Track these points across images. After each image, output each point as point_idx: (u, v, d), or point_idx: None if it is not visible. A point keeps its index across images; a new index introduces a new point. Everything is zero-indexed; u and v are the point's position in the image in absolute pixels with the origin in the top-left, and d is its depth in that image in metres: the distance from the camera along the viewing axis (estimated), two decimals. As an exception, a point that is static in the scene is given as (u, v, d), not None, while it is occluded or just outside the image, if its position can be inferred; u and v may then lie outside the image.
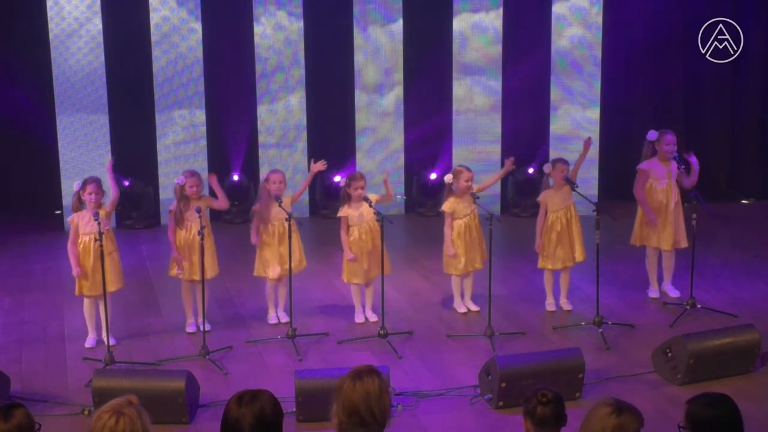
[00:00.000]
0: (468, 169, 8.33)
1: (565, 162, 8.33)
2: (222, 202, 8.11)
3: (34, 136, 11.76)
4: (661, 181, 8.52)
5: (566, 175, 8.20)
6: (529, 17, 12.19)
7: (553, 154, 11.64)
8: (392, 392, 3.96)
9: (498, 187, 12.17)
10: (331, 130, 12.22)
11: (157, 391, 6.26)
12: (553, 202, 8.31)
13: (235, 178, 11.90)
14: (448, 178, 8.31)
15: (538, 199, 8.39)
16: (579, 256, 8.40)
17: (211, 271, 7.96)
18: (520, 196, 12.14)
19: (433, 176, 12.24)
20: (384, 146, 12.28)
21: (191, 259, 7.87)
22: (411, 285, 9.43)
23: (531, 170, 12.05)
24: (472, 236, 8.32)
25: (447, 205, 8.32)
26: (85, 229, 7.54)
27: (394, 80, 12.19)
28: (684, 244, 8.56)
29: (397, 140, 12.29)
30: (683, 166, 8.32)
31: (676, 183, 8.51)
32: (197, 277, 7.75)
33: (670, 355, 6.98)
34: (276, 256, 8.10)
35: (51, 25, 11.20)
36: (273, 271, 8.12)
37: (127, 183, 11.60)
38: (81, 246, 7.58)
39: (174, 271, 8.01)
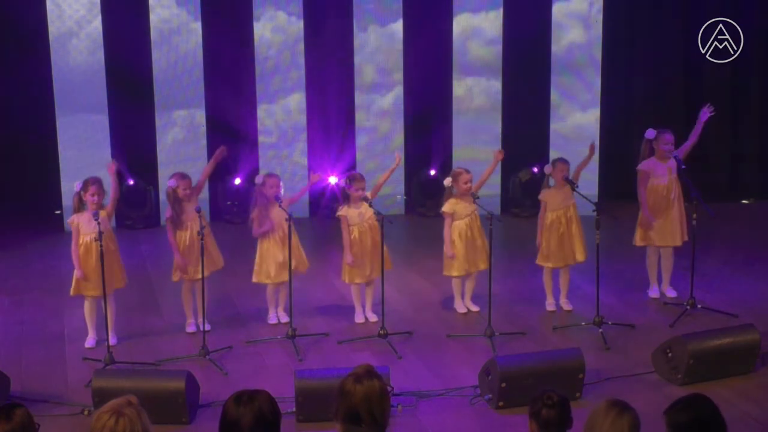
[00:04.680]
0: (467, 171, 8.33)
1: (565, 161, 8.32)
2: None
3: (34, 136, 11.77)
4: (662, 179, 8.51)
5: (566, 175, 8.20)
6: (528, 18, 12.20)
7: (553, 155, 11.65)
8: (391, 392, 3.95)
9: (498, 187, 12.18)
10: (331, 130, 12.22)
11: (157, 391, 6.25)
12: (553, 200, 8.31)
13: (237, 181, 11.88)
14: (447, 181, 8.30)
15: (539, 197, 8.40)
16: (579, 256, 8.40)
17: (218, 263, 8.09)
18: (520, 196, 12.14)
19: (432, 172, 12.24)
20: (384, 146, 12.29)
21: (193, 260, 7.86)
22: (411, 285, 9.43)
23: (535, 169, 12.04)
24: (474, 237, 8.31)
25: (447, 206, 8.30)
26: (86, 229, 7.54)
27: (394, 80, 12.19)
28: (685, 237, 8.57)
29: (397, 140, 12.29)
30: (684, 166, 8.30)
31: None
32: (198, 276, 7.75)
33: (670, 355, 6.97)
34: (277, 261, 8.09)
35: (51, 26, 11.20)
36: (275, 274, 8.11)
37: (131, 182, 11.61)
38: (82, 247, 7.58)
39: (177, 277, 8.00)
